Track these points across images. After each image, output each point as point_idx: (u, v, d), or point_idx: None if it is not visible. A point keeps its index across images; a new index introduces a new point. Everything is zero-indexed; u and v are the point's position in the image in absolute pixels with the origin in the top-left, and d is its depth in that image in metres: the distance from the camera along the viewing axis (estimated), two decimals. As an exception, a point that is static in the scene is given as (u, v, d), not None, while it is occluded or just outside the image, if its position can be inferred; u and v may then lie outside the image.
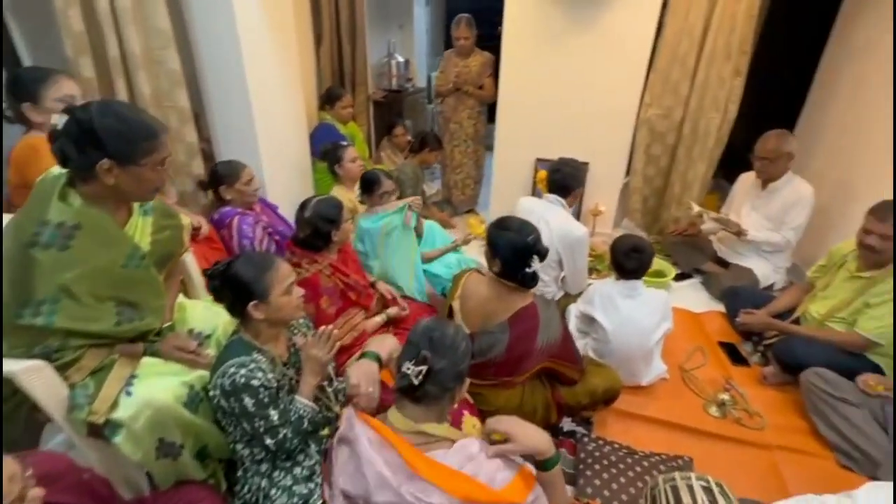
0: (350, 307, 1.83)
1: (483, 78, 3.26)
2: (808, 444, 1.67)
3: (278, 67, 2.40)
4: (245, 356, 1.19)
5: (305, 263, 1.72)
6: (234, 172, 2.04)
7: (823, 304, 1.97)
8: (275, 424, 1.18)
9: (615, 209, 3.24)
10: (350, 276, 1.81)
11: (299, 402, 1.27)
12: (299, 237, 1.76)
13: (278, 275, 1.25)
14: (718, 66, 2.66)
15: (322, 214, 1.72)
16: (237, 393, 1.15)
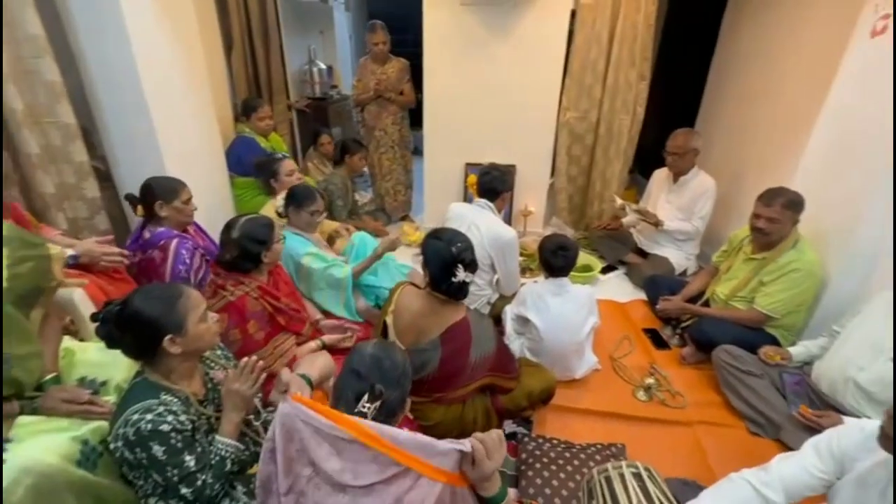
0: (280, 332, 1.73)
1: (402, 84, 3.26)
2: (723, 416, 1.82)
3: (182, 75, 2.22)
4: (151, 399, 1.07)
5: (230, 286, 1.59)
6: (173, 189, 1.86)
7: (727, 286, 2.17)
8: (192, 471, 1.07)
9: (544, 209, 3.37)
10: (280, 300, 1.71)
11: (220, 443, 1.16)
12: (225, 258, 1.63)
13: (190, 301, 1.15)
14: (625, 71, 2.86)
15: (250, 235, 1.60)
16: (143, 442, 1.02)
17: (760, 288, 2.01)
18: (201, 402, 1.21)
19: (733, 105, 2.98)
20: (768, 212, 1.92)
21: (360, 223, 3.32)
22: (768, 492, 1.02)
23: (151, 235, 1.84)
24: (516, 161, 3.17)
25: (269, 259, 1.65)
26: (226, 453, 1.16)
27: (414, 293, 1.54)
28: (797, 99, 2.33)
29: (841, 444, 1.00)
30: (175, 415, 1.07)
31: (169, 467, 1.04)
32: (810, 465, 1.02)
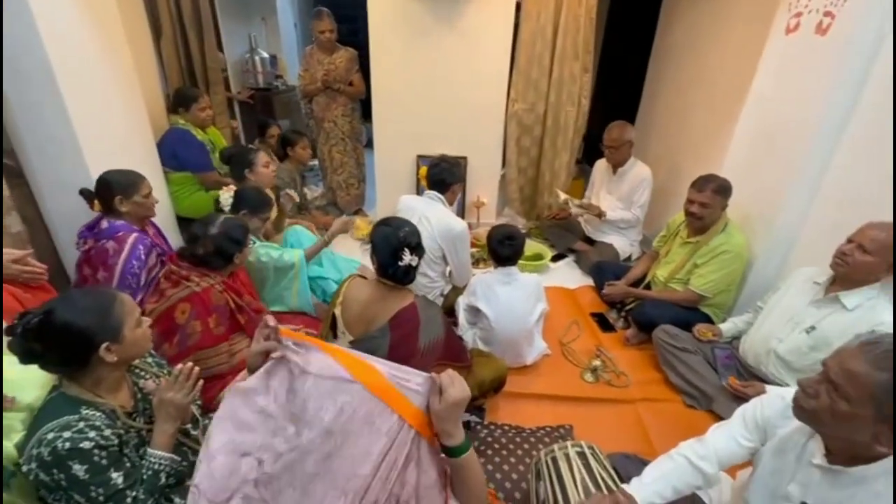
0: (237, 331, 1.66)
1: (351, 74, 3.18)
2: (662, 392, 1.94)
3: (103, 64, 2.04)
4: (69, 415, 0.99)
5: (196, 276, 1.56)
6: (132, 184, 1.82)
7: (665, 269, 2.29)
8: (120, 488, 1.00)
9: (496, 200, 3.41)
10: (243, 297, 1.67)
11: (153, 456, 1.10)
12: (196, 253, 1.58)
13: (125, 307, 1.09)
14: (569, 64, 2.93)
15: (230, 235, 1.61)
16: (61, 462, 0.94)
17: (694, 270, 2.14)
18: (130, 415, 1.14)
19: (670, 97, 3.14)
20: (700, 197, 2.04)
21: (309, 218, 3.22)
22: (704, 464, 1.08)
23: (109, 226, 1.79)
24: (467, 153, 3.19)
25: (240, 260, 1.66)
26: (159, 466, 1.09)
27: (362, 283, 1.55)
28: (725, 91, 2.49)
29: (764, 413, 1.07)
30: (98, 430, 1.00)
31: (93, 487, 0.97)
32: (738, 434, 1.10)
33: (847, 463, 0.86)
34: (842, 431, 0.85)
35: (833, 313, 1.59)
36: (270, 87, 4.05)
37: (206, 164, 2.68)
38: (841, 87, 1.71)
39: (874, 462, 0.83)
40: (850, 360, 0.81)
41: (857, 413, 0.79)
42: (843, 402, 0.80)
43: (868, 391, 0.77)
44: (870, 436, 0.80)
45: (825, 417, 0.85)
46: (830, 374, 0.83)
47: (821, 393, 0.84)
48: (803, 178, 1.87)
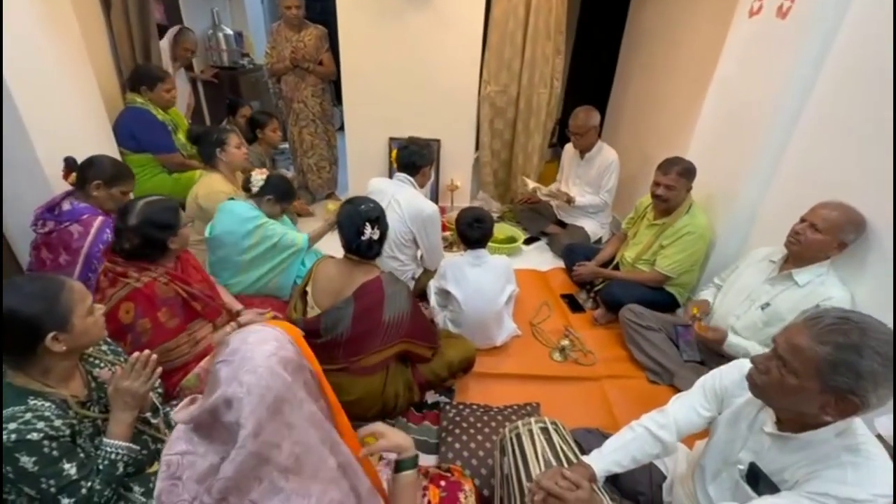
0: (196, 318, 1.60)
1: (321, 53, 3.07)
2: (627, 369, 2.00)
3: (47, 35, 1.91)
4: (15, 406, 0.96)
5: (134, 272, 1.43)
6: (120, 177, 1.82)
7: (633, 250, 2.34)
8: (73, 479, 0.98)
9: (470, 183, 3.40)
10: (193, 285, 1.57)
11: (109, 445, 1.07)
12: (124, 248, 1.44)
13: (75, 294, 1.05)
14: (542, 45, 2.90)
15: (153, 220, 1.43)
16: (8, 454, 0.92)
17: (660, 251, 2.19)
18: (84, 404, 1.10)
19: (640, 82, 3.16)
20: (666, 179, 2.08)
21: (280, 203, 3.15)
22: (663, 433, 1.12)
23: (72, 208, 1.73)
24: (441, 135, 3.15)
25: (177, 245, 1.51)
26: (116, 456, 1.07)
27: (331, 261, 1.60)
28: (694, 76, 2.52)
29: (722, 383, 1.11)
30: (47, 420, 0.97)
31: (43, 479, 0.95)
32: (697, 403, 1.14)
33: (796, 430, 0.91)
34: (792, 404, 0.89)
35: (786, 290, 1.66)
36: (236, 65, 3.89)
37: (168, 146, 2.56)
38: (799, 69, 1.75)
39: (821, 428, 0.88)
40: (796, 336, 0.84)
41: (804, 386, 0.83)
42: (792, 376, 0.84)
43: (813, 364, 0.80)
44: (817, 407, 0.84)
45: (776, 392, 0.89)
46: (779, 350, 0.87)
47: (771, 369, 0.88)
48: (763, 160, 1.92)
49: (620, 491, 1.33)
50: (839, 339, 0.79)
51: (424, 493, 1.23)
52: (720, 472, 1.07)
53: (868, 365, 0.76)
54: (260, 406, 0.68)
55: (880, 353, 0.76)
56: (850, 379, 0.77)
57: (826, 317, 0.82)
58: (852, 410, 0.81)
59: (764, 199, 1.98)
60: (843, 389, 0.79)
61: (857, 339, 0.77)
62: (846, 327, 0.79)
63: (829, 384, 0.79)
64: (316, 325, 1.46)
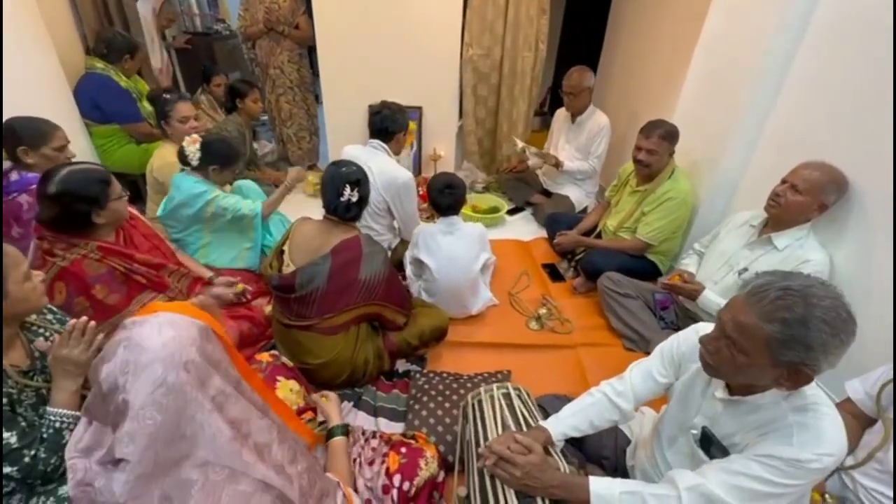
0: (143, 291, 1.55)
1: (297, 16, 2.94)
2: (604, 337, 1.97)
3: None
4: None
5: (59, 250, 1.35)
6: (41, 134, 1.66)
7: (615, 218, 2.28)
8: (13, 448, 0.96)
9: (454, 153, 3.30)
10: (135, 256, 1.51)
11: (53, 414, 1.04)
12: (45, 218, 1.35)
13: (9, 259, 0.99)
14: (526, 5, 2.76)
15: (74, 192, 1.31)
16: None
17: (642, 218, 2.13)
18: (26, 373, 1.07)
19: (630, 42, 3.03)
20: (647, 143, 2.01)
21: (260, 175, 3.07)
22: (621, 401, 1.10)
23: (21, 178, 1.65)
24: (422, 103, 3.05)
25: (105, 220, 1.39)
26: (61, 424, 1.04)
27: (310, 221, 1.60)
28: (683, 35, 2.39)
29: (680, 348, 1.08)
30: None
31: None
32: (655, 369, 1.11)
33: (745, 394, 0.89)
34: (746, 379, 0.87)
35: (764, 254, 1.61)
36: (210, 31, 3.72)
37: (134, 114, 2.47)
38: (785, 28, 1.66)
39: (766, 392, 0.86)
40: (741, 314, 0.80)
41: (755, 363, 0.80)
42: (742, 355, 0.81)
43: (762, 342, 0.77)
44: (770, 380, 0.82)
45: (729, 370, 0.87)
46: (726, 330, 0.83)
47: (721, 348, 0.85)
48: (747, 121, 1.85)
49: (585, 454, 1.32)
50: (785, 314, 0.75)
51: (384, 460, 1.22)
52: (677, 438, 1.05)
53: (817, 336, 0.73)
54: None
55: (827, 320, 0.73)
56: (801, 352, 0.75)
57: (770, 290, 0.78)
58: (805, 380, 0.79)
59: (748, 162, 1.92)
60: (794, 363, 0.76)
61: (803, 311, 0.74)
62: (790, 301, 0.75)
63: (781, 359, 0.77)
64: (291, 280, 1.45)
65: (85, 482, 0.66)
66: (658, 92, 2.65)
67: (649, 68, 2.76)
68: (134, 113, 2.47)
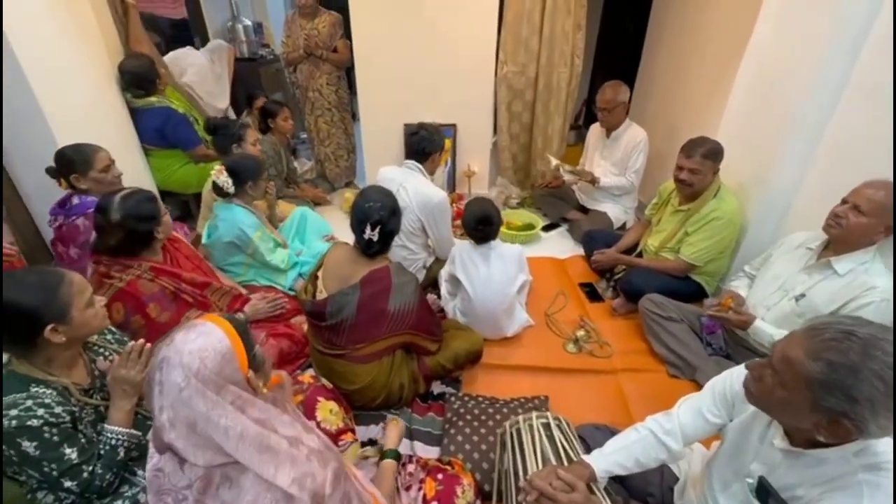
0: (190, 308, 1.63)
1: (335, 40, 3.05)
2: (646, 362, 1.89)
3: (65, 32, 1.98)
4: (17, 393, 0.99)
5: (116, 272, 1.45)
6: (85, 160, 1.73)
7: (657, 238, 2.20)
8: (74, 463, 1.02)
9: (488, 169, 3.31)
10: (182, 275, 1.60)
11: (110, 431, 1.10)
12: (109, 245, 1.45)
13: (74, 287, 1.07)
14: (562, 20, 2.75)
15: (135, 213, 1.43)
16: (10, 439, 0.96)
17: (685, 238, 2.05)
18: (87, 391, 1.13)
19: (669, 55, 2.95)
20: (689, 163, 1.93)
21: (298, 192, 3.18)
22: (669, 440, 1.04)
23: (80, 202, 1.75)
24: (456, 120, 3.07)
25: (163, 234, 1.52)
26: (116, 441, 1.10)
27: (342, 247, 1.60)
28: (727, 47, 2.31)
29: (734, 387, 1.01)
30: (48, 408, 1.00)
31: (45, 462, 0.99)
32: (706, 408, 1.04)
33: (805, 446, 0.82)
34: (783, 417, 0.82)
35: (824, 280, 1.51)
36: (254, 56, 3.92)
37: (196, 141, 2.62)
38: (842, 36, 1.56)
39: (833, 447, 0.78)
40: (791, 347, 0.75)
41: (793, 400, 0.75)
42: (781, 388, 0.76)
43: (802, 380, 0.72)
44: (809, 424, 0.75)
45: (767, 402, 0.82)
46: (774, 359, 0.78)
47: (764, 377, 0.80)
48: (800, 136, 1.75)
49: (629, 491, 1.26)
50: (834, 357, 0.69)
51: (420, 486, 1.21)
52: (731, 484, 0.98)
53: (866, 390, 0.66)
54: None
55: (884, 378, 0.66)
56: (843, 402, 0.68)
57: (829, 329, 0.72)
58: (845, 435, 0.72)
59: (802, 180, 1.81)
60: (835, 412, 0.70)
61: (857, 359, 0.67)
62: (846, 345, 0.69)
63: (820, 404, 0.71)
64: (322, 307, 1.46)
65: (157, 467, 0.79)
66: (701, 105, 2.56)
67: (691, 81, 2.68)
68: (196, 139, 2.61)
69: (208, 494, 0.74)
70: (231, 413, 0.74)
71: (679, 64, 2.81)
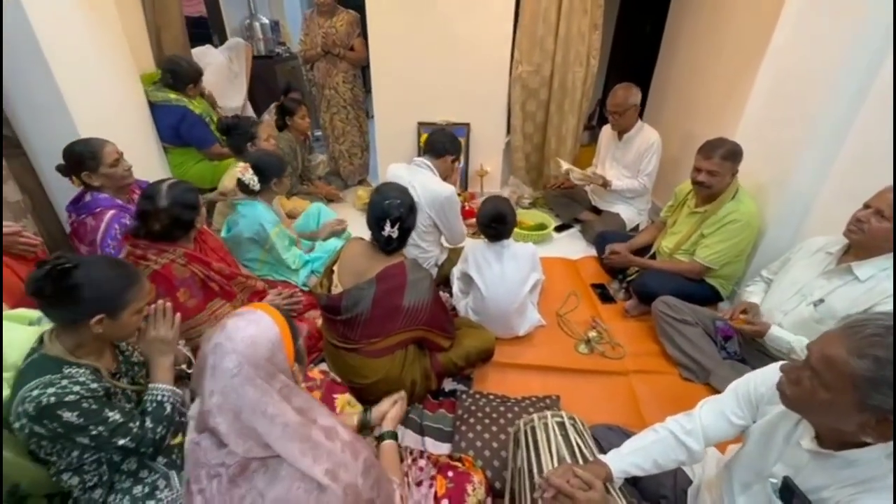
0: (214, 298, 1.66)
1: (352, 39, 3.07)
2: (659, 364, 1.88)
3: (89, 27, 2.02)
4: (52, 374, 1.01)
5: (152, 255, 1.51)
6: (93, 156, 1.69)
7: (671, 240, 2.18)
8: (120, 422, 1.05)
9: (501, 168, 3.31)
10: (212, 265, 1.64)
11: (155, 389, 1.16)
12: (154, 229, 1.51)
13: (138, 293, 1.11)
14: (578, 20, 2.74)
15: (181, 201, 1.51)
16: (50, 413, 0.97)
17: (701, 240, 2.03)
18: (113, 375, 1.17)
19: (687, 53, 2.92)
20: (708, 165, 1.91)
21: (312, 189, 3.21)
22: (689, 440, 1.03)
23: (92, 199, 1.74)
24: (470, 119, 3.08)
25: (200, 224, 1.60)
26: (162, 397, 1.15)
27: (359, 242, 1.61)
28: (746, 44, 2.29)
29: (758, 390, 1.00)
30: (82, 384, 1.02)
31: (92, 426, 1.01)
32: (729, 410, 1.03)
33: (836, 447, 0.81)
34: (826, 420, 0.80)
35: (844, 285, 1.48)
36: (271, 54, 3.96)
37: (210, 140, 2.67)
38: (865, 37, 1.54)
39: (865, 447, 0.77)
40: (831, 346, 0.74)
41: (838, 402, 0.73)
42: (823, 390, 0.74)
43: (848, 379, 0.71)
44: (854, 425, 0.73)
45: (808, 405, 0.80)
46: (811, 360, 0.77)
47: (802, 379, 0.78)
48: (820, 138, 1.72)
49: (642, 493, 1.26)
50: (880, 352, 0.68)
51: (432, 484, 1.21)
52: (751, 485, 0.97)
53: None
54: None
55: None
56: (892, 398, 0.67)
57: (869, 325, 0.71)
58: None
59: (821, 185, 1.78)
60: (883, 410, 0.68)
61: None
62: (890, 339, 0.68)
63: (868, 403, 0.69)
64: (337, 302, 1.48)
65: (195, 441, 0.83)
66: (718, 107, 2.54)
67: (709, 82, 2.65)
68: (210, 139, 2.65)
69: (243, 478, 0.76)
70: (277, 402, 0.76)
71: (696, 66, 2.78)
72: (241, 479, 0.76)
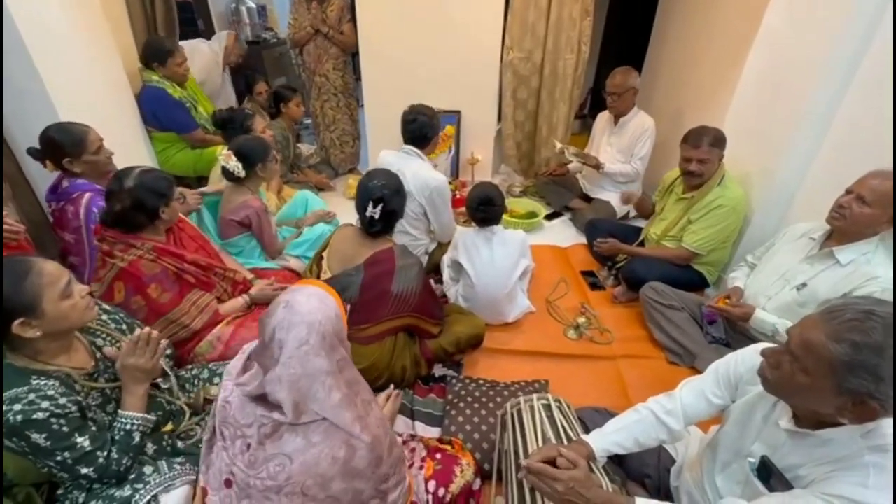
0: (192, 289, 1.63)
1: (343, 24, 3.01)
2: (646, 349, 1.91)
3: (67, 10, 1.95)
4: (18, 388, 0.95)
5: (118, 251, 1.44)
6: (78, 142, 1.64)
7: (659, 226, 2.20)
8: (87, 451, 1.00)
9: (492, 157, 3.29)
10: (185, 256, 1.58)
11: (124, 417, 1.10)
12: (114, 211, 1.43)
13: (43, 278, 0.98)
14: (569, 6, 2.72)
15: (149, 185, 1.43)
16: (19, 433, 0.93)
17: (688, 226, 2.05)
18: (91, 375, 1.11)
19: (677, 41, 2.92)
20: (698, 153, 1.92)
21: (302, 177, 3.18)
22: (670, 420, 1.05)
23: (69, 185, 1.69)
24: (461, 106, 3.06)
25: (167, 216, 1.50)
26: (131, 426, 1.10)
27: (348, 228, 1.63)
28: (735, 33, 2.29)
29: (738, 370, 1.02)
30: (52, 399, 0.96)
31: (58, 452, 0.96)
32: (709, 390, 1.06)
33: (813, 427, 0.83)
34: (805, 402, 0.82)
35: (826, 269, 1.51)
36: (259, 39, 3.88)
37: (187, 124, 2.59)
38: (853, 25, 1.55)
39: (840, 427, 0.79)
40: (809, 330, 0.76)
41: (816, 386, 0.75)
42: (802, 374, 0.76)
43: (826, 364, 0.72)
44: (832, 408, 0.76)
45: (787, 389, 0.82)
46: (791, 345, 0.78)
47: (782, 363, 0.80)
48: (807, 126, 1.74)
49: (627, 472, 1.29)
50: (857, 337, 0.69)
51: (422, 467, 1.23)
52: (730, 464, 1.00)
53: (890, 368, 0.67)
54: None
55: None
56: (869, 382, 0.69)
57: (847, 310, 0.72)
58: (871, 415, 0.73)
59: (807, 170, 1.81)
60: (860, 393, 0.70)
61: (881, 338, 0.68)
62: (868, 324, 0.69)
63: (845, 386, 0.71)
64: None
65: (226, 400, 0.89)
66: (708, 94, 2.54)
67: (699, 70, 2.65)
68: (188, 123, 2.58)
69: (271, 441, 0.81)
70: (336, 374, 0.83)
71: (687, 53, 2.78)
72: (268, 443, 0.80)
